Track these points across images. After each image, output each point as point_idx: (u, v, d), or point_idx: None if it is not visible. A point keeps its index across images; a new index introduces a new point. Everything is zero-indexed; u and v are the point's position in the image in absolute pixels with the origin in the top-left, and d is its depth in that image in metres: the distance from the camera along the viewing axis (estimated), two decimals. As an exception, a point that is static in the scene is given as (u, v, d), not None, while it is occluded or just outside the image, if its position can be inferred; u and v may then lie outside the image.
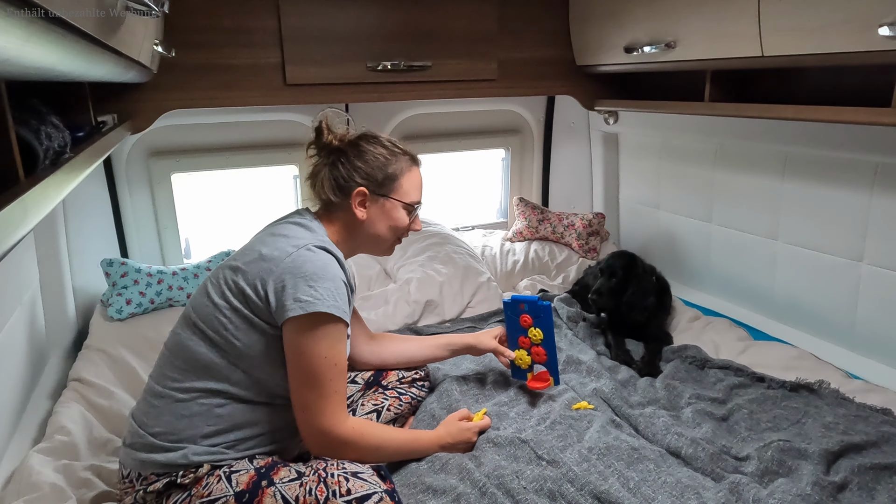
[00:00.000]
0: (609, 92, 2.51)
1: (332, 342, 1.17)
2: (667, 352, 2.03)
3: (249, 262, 1.20)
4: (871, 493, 1.32)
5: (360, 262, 2.61)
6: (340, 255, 1.26)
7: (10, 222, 0.62)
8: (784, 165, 2.06)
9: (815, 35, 1.39)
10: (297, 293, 1.13)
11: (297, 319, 1.14)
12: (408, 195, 1.39)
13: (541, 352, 1.61)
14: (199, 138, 2.47)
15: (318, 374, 1.16)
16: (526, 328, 1.62)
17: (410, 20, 2.17)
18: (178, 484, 1.14)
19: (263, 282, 1.16)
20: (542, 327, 1.59)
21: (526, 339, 1.63)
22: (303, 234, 1.25)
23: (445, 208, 3.09)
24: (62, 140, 0.96)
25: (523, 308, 1.61)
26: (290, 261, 1.17)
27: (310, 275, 1.15)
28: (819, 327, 2.04)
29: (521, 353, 1.64)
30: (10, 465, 1.35)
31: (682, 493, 1.27)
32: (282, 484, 1.11)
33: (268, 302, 1.15)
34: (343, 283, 1.21)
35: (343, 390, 1.21)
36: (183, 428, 1.16)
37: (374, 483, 1.13)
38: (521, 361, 1.64)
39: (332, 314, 1.15)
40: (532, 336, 1.61)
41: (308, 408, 1.18)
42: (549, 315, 1.58)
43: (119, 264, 2.08)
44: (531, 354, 1.63)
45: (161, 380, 1.21)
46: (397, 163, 1.39)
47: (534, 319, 1.60)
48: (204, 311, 1.21)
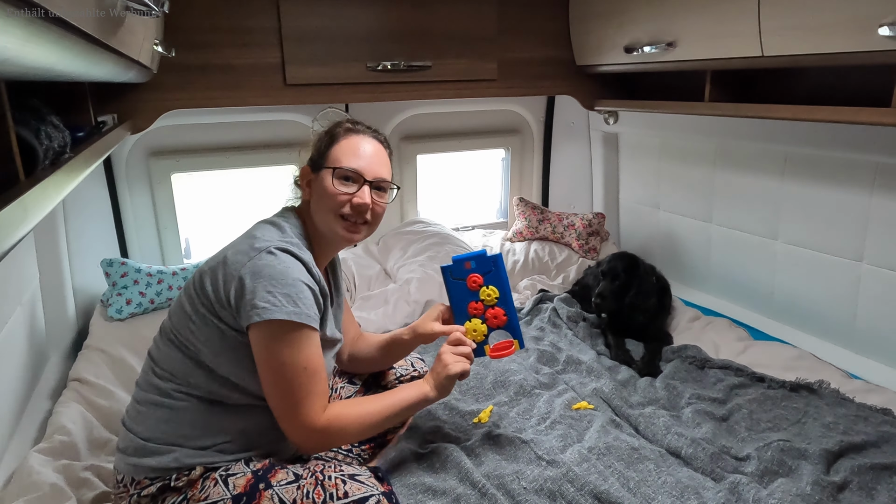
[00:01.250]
0: (609, 92, 2.51)
1: (297, 348, 1.11)
2: (667, 352, 2.03)
3: (215, 265, 1.17)
4: (871, 493, 1.32)
5: (361, 262, 2.61)
6: (306, 257, 1.18)
7: (10, 222, 0.62)
8: (784, 165, 2.06)
9: (815, 35, 1.39)
10: (254, 299, 1.08)
11: (257, 327, 1.09)
12: (335, 161, 1.26)
13: (499, 313, 1.39)
14: (199, 138, 2.47)
15: (288, 380, 1.12)
16: (476, 290, 1.38)
17: (410, 20, 2.17)
18: (172, 487, 1.14)
19: (226, 286, 1.12)
20: (496, 284, 1.38)
21: (478, 305, 1.39)
22: (270, 235, 1.19)
23: (445, 208, 3.09)
24: (62, 140, 0.96)
25: (469, 267, 1.38)
26: (251, 265, 1.11)
27: (268, 280, 1.09)
28: (819, 327, 2.04)
29: (473, 323, 1.39)
30: (10, 465, 1.35)
31: (682, 493, 1.27)
32: (279, 487, 1.10)
33: (230, 306, 1.12)
34: (304, 286, 1.13)
35: (318, 390, 1.15)
36: (170, 432, 1.16)
37: (371, 486, 1.13)
38: (476, 334, 1.39)
39: (292, 321, 1.09)
40: (486, 297, 1.38)
41: (285, 414, 1.15)
42: (501, 267, 1.38)
43: (119, 264, 2.08)
44: (487, 321, 1.39)
45: (145, 385, 1.21)
46: (333, 130, 1.30)
47: (484, 277, 1.38)
48: (177, 319, 1.20)
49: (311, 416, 1.14)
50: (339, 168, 1.25)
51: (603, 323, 2.21)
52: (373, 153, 1.29)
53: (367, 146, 1.29)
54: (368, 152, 1.28)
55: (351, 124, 1.32)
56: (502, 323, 1.39)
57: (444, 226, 2.85)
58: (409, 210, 2.96)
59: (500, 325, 1.40)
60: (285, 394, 1.13)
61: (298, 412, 1.14)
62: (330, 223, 1.26)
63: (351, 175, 1.25)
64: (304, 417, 1.14)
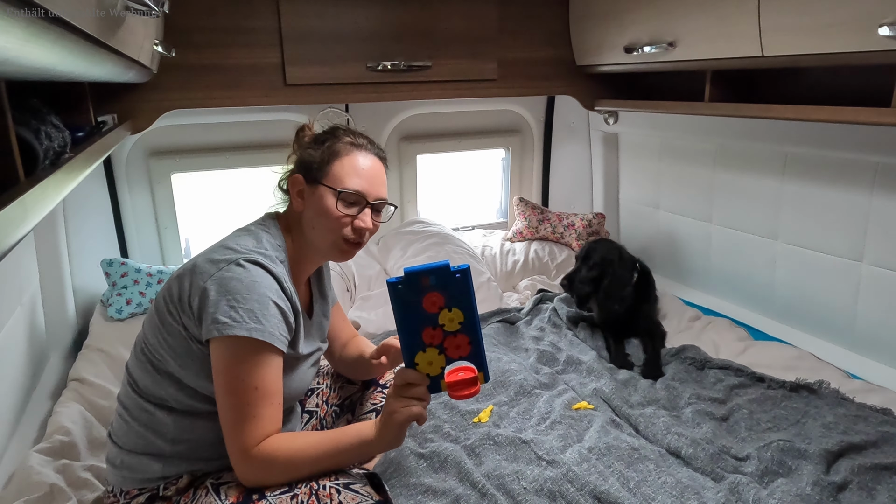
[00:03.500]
0: (609, 92, 2.51)
1: (252, 366, 1.06)
2: (666, 355, 2.03)
3: (183, 273, 1.13)
4: (871, 493, 1.32)
5: (361, 262, 2.61)
6: (279, 270, 1.12)
7: (10, 222, 0.62)
8: (784, 165, 2.06)
9: (815, 35, 1.39)
10: (216, 313, 1.04)
11: (216, 341, 1.06)
12: (338, 181, 1.19)
13: (462, 342, 1.05)
14: (199, 138, 2.47)
15: (237, 397, 1.06)
16: (436, 313, 1.03)
17: (410, 20, 2.17)
18: (161, 497, 1.14)
19: (191, 295, 1.08)
20: (461, 305, 1.03)
21: (436, 331, 1.04)
22: (245, 244, 1.14)
23: (445, 208, 3.09)
24: (62, 140, 0.96)
25: (427, 283, 1.01)
26: (218, 276, 1.06)
27: (232, 294, 1.05)
28: (819, 327, 2.04)
29: (428, 354, 1.06)
30: (10, 465, 1.35)
31: (682, 493, 1.27)
32: (273, 497, 1.07)
33: (193, 316, 1.09)
34: (271, 303, 1.08)
35: (264, 414, 1.07)
36: (151, 443, 1.15)
37: (365, 494, 1.12)
38: (430, 368, 1.07)
39: (253, 338, 1.04)
40: (446, 323, 1.03)
41: (227, 434, 1.08)
42: (469, 283, 1.02)
43: (119, 264, 2.08)
44: (445, 350, 1.06)
45: (124, 399, 1.20)
46: (334, 145, 1.22)
47: (446, 296, 1.02)
48: (148, 327, 1.17)
49: (248, 440, 1.06)
50: (344, 191, 1.19)
51: (593, 319, 2.20)
52: (375, 172, 1.24)
53: (370, 164, 1.24)
54: (371, 171, 1.23)
55: (352, 137, 1.25)
56: (465, 353, 1.07)
57: (444, 226, 2.85)
58: (409, 210, 2.96)
59: (463, 356, 1.07)
60: (230, 410, 1.07)
61: (237, 433, 1.07)
62: (327, 243, 1.22)
63: (354, 198, 1.20)
64: (241, 440, 1.07)
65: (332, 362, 1.52)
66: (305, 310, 1.29)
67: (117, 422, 1.20)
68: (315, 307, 1.34)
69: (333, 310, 1.47)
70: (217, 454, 1.17)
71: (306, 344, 1.25)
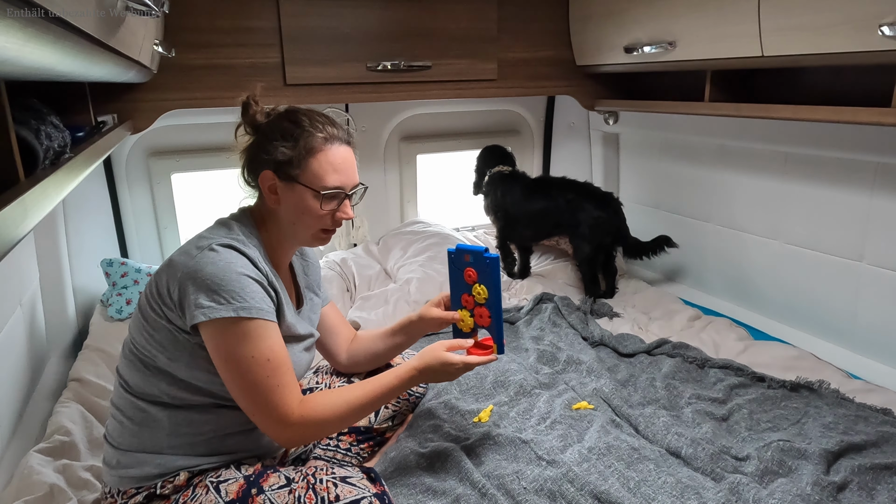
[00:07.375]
0: (609, 92, 2.51)
1: (253, 341, 1.08)
2: (666, 355, 2.03)
3: (161, 268, 1.15)
4: (871, 493, 1.32)
5: (361, 262, 2.61)
6: (252, 253, 1.14)
7: (10, 222, 0.62)
8: (784, 165, 2.06)
9: (815, 35, 1.39)
10: (198, 298, 1.05)
11: (205, 326, 1.07)
12: (317, 180, 1.18)
13: (484, 314, 1.35)
14: (199, 138, 2.47)
15: (251, 376, 1.08)
16: (470, 284, 1.36)
17: (410, 20, 2.17)
18: (159, 495, 1.14)
19: (170, 287, 1.09)
20: (488, 284, 1.33)
21: (469, 298, 1.37)
22: (217, 233, 1.16)
23: (445, 208, 3.09)
24: (62, 140, 0.96)
25: (468, 260, 1.34)
26: (194, 264, 1.08)
27: (209, 278, 1.06)
28: (819, 327, 2.04)
29: (463, 313, 1.39)
30: (10, 465, 1.35)
31: (682, 493, 1.27)
32: (271, 491, 1.09)
33: (176, 307, 1.10)
34: (249, 279, 1.09)
35: (286, 382, 1.11)
36: (146, 441, 1.15)
37: (363, 487, 1.12)
38: (463, 324, 1.40)
39: (240, 317, 1.06)
40: (476, 294, 1.35)
41: (256, 411, 1.11)
42: (495, 270, 1.33)
43: (119, 264, 2.08)
44: (474, 316, 1.38)
45: (117, 400, 1.20)
46: (307, 141, 1.19)
47: (478, 274, 1.34)
48: (134, 327, 1.18)
49: (284, 409, 1.10)
50: (326, 192, 1.19)
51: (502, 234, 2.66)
52: (350, 162, 1.24)
53: (344, 155, 1.23)
54: (347, 163, 1.23)
55: (321, 129, 1.21)
56: (486, 324, 1.36)
57: (444, 226, 2.85)
58: (409, 210, 2.96)
59: (484, 326, 1.37)
60: (251, 391, 1.09)
61: (270, 407, 1.10)
62: (307, 235, 1.24)
63: (335, 194, 1.21)
64: (277, 412, 1.10)
65: (338, 361, 1.52)
66: (293, 300, 1.32)
67: (112, 423, 1.20)
68: (305, 302, 1.36)
69: (330, 308, 1.49)
70: (213, 449, 1.18)
71: (299, 325, 1.27)
